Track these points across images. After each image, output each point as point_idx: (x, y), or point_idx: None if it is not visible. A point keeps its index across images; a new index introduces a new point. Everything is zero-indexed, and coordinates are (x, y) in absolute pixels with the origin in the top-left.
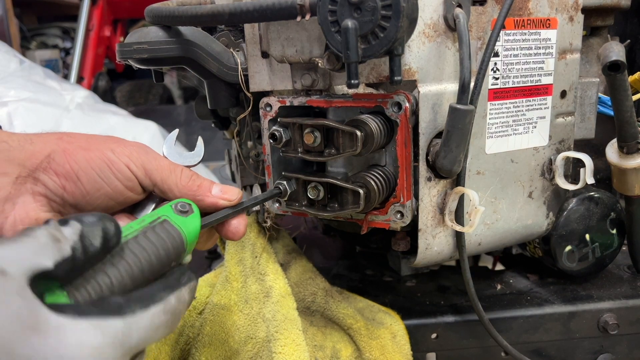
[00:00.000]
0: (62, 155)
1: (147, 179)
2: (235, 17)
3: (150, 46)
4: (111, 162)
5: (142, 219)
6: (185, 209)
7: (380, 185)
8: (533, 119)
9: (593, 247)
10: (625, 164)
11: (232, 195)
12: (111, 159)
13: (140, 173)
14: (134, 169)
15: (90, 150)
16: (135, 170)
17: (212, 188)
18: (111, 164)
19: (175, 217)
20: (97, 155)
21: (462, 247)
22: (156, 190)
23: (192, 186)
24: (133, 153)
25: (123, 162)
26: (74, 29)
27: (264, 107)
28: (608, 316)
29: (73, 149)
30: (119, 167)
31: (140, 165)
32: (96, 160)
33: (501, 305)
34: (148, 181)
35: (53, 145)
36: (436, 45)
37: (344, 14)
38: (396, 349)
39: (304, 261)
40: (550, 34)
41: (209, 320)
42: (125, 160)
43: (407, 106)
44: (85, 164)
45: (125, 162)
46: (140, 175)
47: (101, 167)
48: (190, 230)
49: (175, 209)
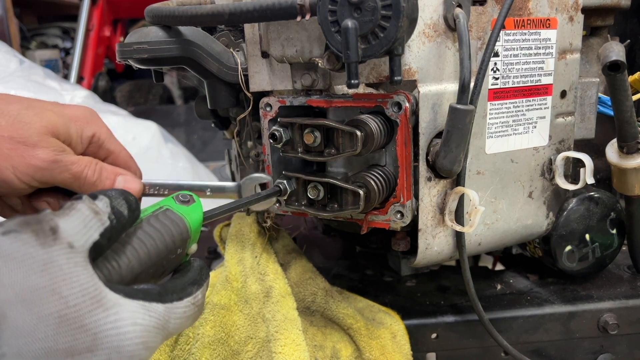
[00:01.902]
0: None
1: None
2: (235, 17)
3: (150, 46)
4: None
5: (145, 209)
6: (186, 198)
7: (380, 185)
8: (533, 119)
9: (593, 247)
10: (625, 164)
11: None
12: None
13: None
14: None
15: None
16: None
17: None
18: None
19: (177, 206)
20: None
21: (462, 247)
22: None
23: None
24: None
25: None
26: (74, 29)
27: (264, 107)
28: (608, 316)
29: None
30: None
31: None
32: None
33: (501, 305)
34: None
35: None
36: (436, 45)
37: (344, 14)
38: (396, 349)
39: (304, 261)
40: (550, 34)
41: (209, 320)
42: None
43: (407, 106)
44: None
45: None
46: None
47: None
48: (194, 218)
49: (177, 199)
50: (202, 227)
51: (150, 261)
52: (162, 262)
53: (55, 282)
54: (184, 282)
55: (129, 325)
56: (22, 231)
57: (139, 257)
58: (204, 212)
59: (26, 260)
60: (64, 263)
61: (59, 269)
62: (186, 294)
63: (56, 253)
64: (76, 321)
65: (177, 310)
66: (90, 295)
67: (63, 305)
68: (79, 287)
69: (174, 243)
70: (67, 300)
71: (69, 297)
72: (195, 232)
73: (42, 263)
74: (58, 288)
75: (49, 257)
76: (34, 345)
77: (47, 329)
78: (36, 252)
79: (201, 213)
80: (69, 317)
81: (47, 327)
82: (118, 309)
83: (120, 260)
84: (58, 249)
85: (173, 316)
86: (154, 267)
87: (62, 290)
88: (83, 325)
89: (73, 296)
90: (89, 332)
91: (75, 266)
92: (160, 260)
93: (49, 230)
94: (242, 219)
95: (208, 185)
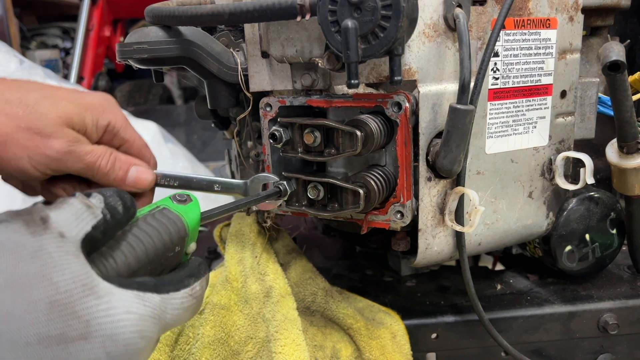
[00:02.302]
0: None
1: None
2: (235, 17)
3: (150, 46)
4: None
5: (142, 209)
6: (183, 198)
7: (380, 185)
8: (533, 119)
9: (593, 247)
10: (625, 164)
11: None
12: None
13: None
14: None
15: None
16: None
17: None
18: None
19: (173, 205)
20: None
21: (462, 247)
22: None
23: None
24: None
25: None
26: (74, 29)
27: (264, 107)
28: (608, 316)
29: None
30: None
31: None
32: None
33: (501, 305)
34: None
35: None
36: (436, 45)
37: (344, 14)
38: (396, 349)
39: (304, 261)
40: (550, 34)
41: (209, 320)
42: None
43: (407, 106)
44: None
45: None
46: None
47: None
48: (191, 217)
49: (174, 199)
50: (201, 227)
51: (147, 258)
52: (159, 260)
53: (45, 268)
54: (180, 275)
55: (123, 313)
56: (13, 221)
57: (135, 254)
58: (203, 212)
59: (16, 248)
60: (54, 251)
61: (48, 256)
62: (183, 285)
63: (46, 241)
64: (67, 307)
65: (173, 301)
66: (81, 283)
67: (53, 291)
68: (70, 274)
69: (172, 241)
70: (58, 287)
71: (59, 284)
72: (193, 231)
73: (32, 250)
74: (48, 274)
75: (39, 245)
76: (26, 330)
77: (37, 315)
78: (26, 240)
79: (198, 212)
80: (59, 302)
81: (38, 312)
82: (111, 298)
83: (116, 256)
84: (48, 238)
85: (170, 307)
86: (152, 264)
87: (53, 277)
88: (74, 312)
89: (63, 282)
90: (82, 319)
91: (66, 254)
92: (157, 258)
93: (40, 219)
94: (242, 219)
95: (217, 181)
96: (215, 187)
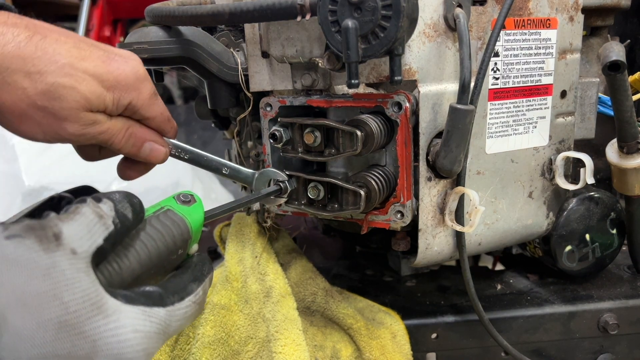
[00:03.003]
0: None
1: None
2: (235, 17)
3: (150, 46)
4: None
5: (146, 209)
6: (187, 199)
7: (381, 185)
8: (533, 119)
9: (593, 247)
10: (625, 164)
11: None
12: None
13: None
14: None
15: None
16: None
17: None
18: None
19: (178, 206)
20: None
21: (462, 247)
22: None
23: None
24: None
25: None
26: (74, 29)
27: (264, 107)
28: (608, 316)
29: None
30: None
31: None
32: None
33: (501, 305)
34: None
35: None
36: (436, 45)
37: (344, 13)
38: (396, 349)
39: (304, 261)
40: (550, 34)
41: (209, 320)
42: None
43: (407, 106)
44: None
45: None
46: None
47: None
48: (195, 218)
49: (178, 199)
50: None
51: (151, 262)
52: (162, 263)
53: (57, 287)
54: (184, 281)
55: (130, 332)
56: (26, 236)
57: (140, 259)
58: (204, 212)
59: (29, 265)
60: (67, 268)
61: (61, 274)
62: (187, 292)
63: (59, 259)
64: (75, 327)
65: (178, 312)
66: (91, 302)
67: (63, 311)
68: (81, 292)
69: (175, 244)
70: (68, 306)
71: (69, 303)
72: (196, 233)
73: (45, 268)
74: (60, 293)
75: (51, 263)
76: (33, 350)
77: (46, 335)
78: (39, 257)
79: (202, 213)
80: (68, 323)
81: (47, 332)
82: (119, 316)
83: (122, 263)
84: (61, 255)
85: (174, 319)
86: (155, 268)
87: (64, 296)
88: (82, 332)
89: (74, 302)
90: (88, 339)
91: (77, 272)
92: (161, 262)
93: (52, 236)
94: (242, 219)
95: (226, 164)
96: (223, 170)
